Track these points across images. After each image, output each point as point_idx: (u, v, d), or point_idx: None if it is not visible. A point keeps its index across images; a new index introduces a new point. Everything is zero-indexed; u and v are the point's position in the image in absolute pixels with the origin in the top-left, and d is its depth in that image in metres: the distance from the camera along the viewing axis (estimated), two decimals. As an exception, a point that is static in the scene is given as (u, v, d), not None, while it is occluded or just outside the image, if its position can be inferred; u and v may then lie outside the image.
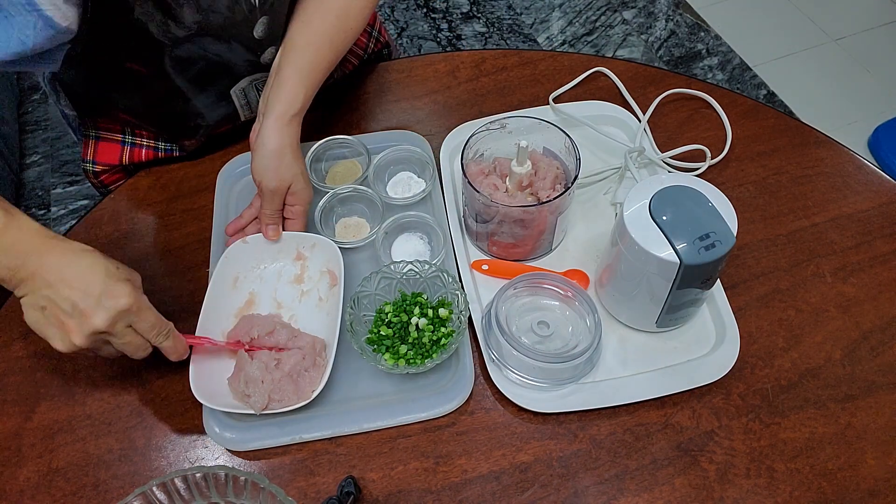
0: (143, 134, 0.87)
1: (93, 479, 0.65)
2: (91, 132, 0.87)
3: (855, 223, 0.81)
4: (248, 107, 0.86)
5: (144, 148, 0.87)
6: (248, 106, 0.85)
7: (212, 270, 0.75)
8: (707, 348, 0.71)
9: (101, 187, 0.92)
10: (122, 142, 0.87)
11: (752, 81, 2.09)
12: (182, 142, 0.87)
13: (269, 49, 0.78)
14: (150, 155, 0.88)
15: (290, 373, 0.65)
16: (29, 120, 2.10)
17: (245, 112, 0.86)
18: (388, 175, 0.85)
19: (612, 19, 2.27)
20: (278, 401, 0.65)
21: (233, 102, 0.83)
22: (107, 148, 0.87)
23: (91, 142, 0.88)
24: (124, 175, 0.91)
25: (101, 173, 0.89)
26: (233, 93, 0.82)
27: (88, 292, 0.58)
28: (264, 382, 0.64)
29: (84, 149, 0.88)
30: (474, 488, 0.63)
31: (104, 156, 0.88)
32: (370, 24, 1.00)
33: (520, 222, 0.71)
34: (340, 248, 0.75)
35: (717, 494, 0.63)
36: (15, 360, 0.73)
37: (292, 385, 0.65)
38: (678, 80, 0.94)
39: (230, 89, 0.81)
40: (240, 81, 0.81)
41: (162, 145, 0.88)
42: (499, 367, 0.68)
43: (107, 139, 0.87)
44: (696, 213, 0.62)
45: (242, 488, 0.56)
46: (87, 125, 0.87)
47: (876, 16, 2.25)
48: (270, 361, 0.66)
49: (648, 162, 0.84)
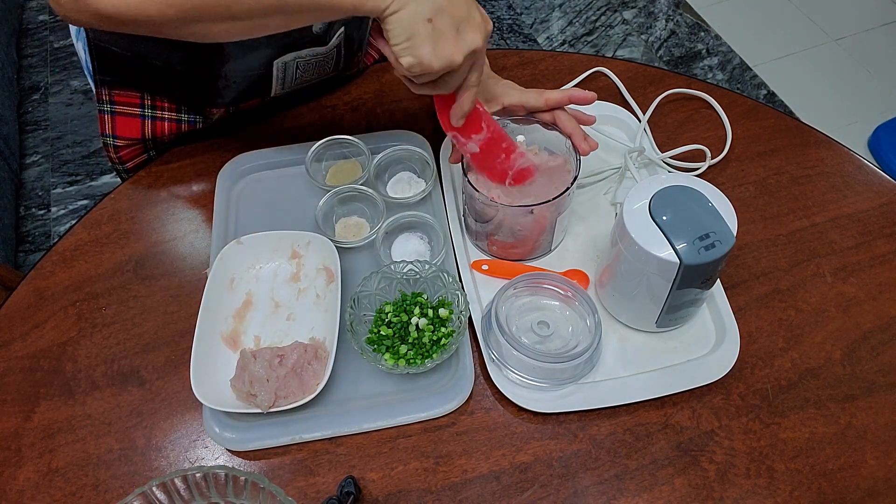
0: (164, 105, 0.85)
1: (92, 479, 0.65)
2: (106, 107, 0.85)
3: (855, 223, 0.81)
4: (282, 81, 0.84)
5: (167, 121, 0.86)
6: (282, 81, 0.84)
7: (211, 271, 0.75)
8: (707, 348, 0.71)
9: (120, 163, 0.90)
10: (140, 115, 0.85)
11: (752, 81, 2.09)
12: (209, 111, 0.85)
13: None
14: (172, 128, 0.86)
15: (293, 368, 0.66)
16: (29, 120, 2.10)
17: (278, 87, 0.85)
18: (388, 175, 0.85)
19: (612, 19, 2.27)
20: (284, 397, 0.65)
21: (272, 73, 0.82)
22: (125, 122, 0.86)
23: (107, 116, 0.85)
24: (144, 151, 0.89)
25: (122, 147, 0.87)
26: (276, 64, 0.81)
27: (473, 14, 0.58)
28: (269, 381, 0.65)
29: (101, 124, 0.86)
30: (474, 488, 0.63)
31: (124, 130, 0.86)
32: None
33: (519, 222, 0.71)
34: (340, 247, 0.75)
35: (717, 494, 0.63)
36: (15, 359, 0.73)
37: (297, 380, 0.65)
38: (678, 80, 0.94)
39: (275, 59, 0.80)
40: (285, 54, 0.80)
41: (185, 117, 0.86)
42: (499, 367, 0.68)
43: (124, 113, 0.85)
44: (696, 213, 0.62)
45: (242, 488, 0.56)
46: (103, 98, 0.84)
47: (876, 16, 2.25)
48: (273, 359, 0.66)
49: (648, 162, 0.84)
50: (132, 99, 0.85)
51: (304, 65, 0.83)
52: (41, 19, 2.38)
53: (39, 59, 2.26)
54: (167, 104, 0.86)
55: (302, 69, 0.84)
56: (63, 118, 2.10)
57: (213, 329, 0.70)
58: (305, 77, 0.87)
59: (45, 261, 0.80)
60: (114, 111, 0.85)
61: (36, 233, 1.86)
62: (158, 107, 0.86)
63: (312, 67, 0.85)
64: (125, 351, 0.73)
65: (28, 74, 2.22)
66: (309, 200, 0.81)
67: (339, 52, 0.86)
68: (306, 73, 0.85)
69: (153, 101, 0.85)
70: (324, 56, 0.84)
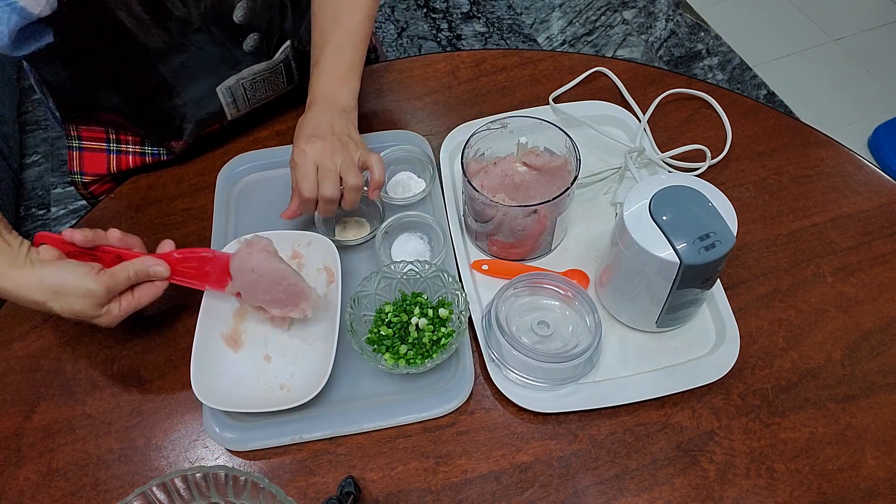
0: (128, 140, 0.87)
1: (92, 479, 0.65)
2: (74, 143, 0.87)
3: (855, 223, 0.80)
4: (234, 105, 0.85)
5: (131, 154, 0.87)
6: (234, 104, 0.85)
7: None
8: (707, 348, 0.71)
9: (92, 198, 0.91)
10: (106, 150, 0.87)
11: (752, 81, 2.09)
12: (169, 143, 0.86)
13: (252, 36, 0.78)
14: (137, 161, 0.87)
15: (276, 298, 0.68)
16: (29, 120, 2.09)
17: (231, 110, 0.86)
18: (388, 175, 0.85)
19: (612, 19, 2.27)
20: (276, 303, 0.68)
21: (219, 100, 0.83)
22: (92, 158, 0.87)
23: (75, 153, 0.87)
24: (114, 185, 0.90)
25: (90, 184, 0.89)
26: (219, 90, 0.82)
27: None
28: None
29: (69, 161, 0.88)
30: (474, 488, 0.63)
31: (91, 166, 0.88)
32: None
33: (520, 222, 0.71)
34: (340, 247, 0.75)
35: (717, 494, 0.63)
36: (15, 359, 0.73)
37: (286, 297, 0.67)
38: (678, 80, 0.94)
39: (216, 87, 0.81)
40: (227, 79, 0.81)
41: (149, 150, 0.87)
42: (499, 367, 0.68)
43: (91, 149, 0.87)
44: (696, 213, 0.62)
45: (242, 488, 0.56)
46: (71, 134, 0.87)
47: (876, 16, 2.25)
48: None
49: (648, 162, 0.84)
50: (98, 134, 0.87)
51: (251, 85, 0.84)
52: (41, 19, 2.38)
53: (39, 59, 2.26)
54: (131, 138, 0.87)
55: (251, 89, 0.84)
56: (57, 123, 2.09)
57: (214, 329, 0.70)
58: (259, 96, 0.87)
59: (45, 261, 0.80)
60: (81, 147, 0.87)
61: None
62: (122, 140, 0.87)
63: (262, 85, 0.85)
64: (125, 351, 0.73)
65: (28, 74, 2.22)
66: (309, 200, 0.81)
67: (290, 66, 0.86)
68: (257, 92, 0.86)
69: (118, 135, 0.87)
70: (269, 73, 0.84)
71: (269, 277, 0.66)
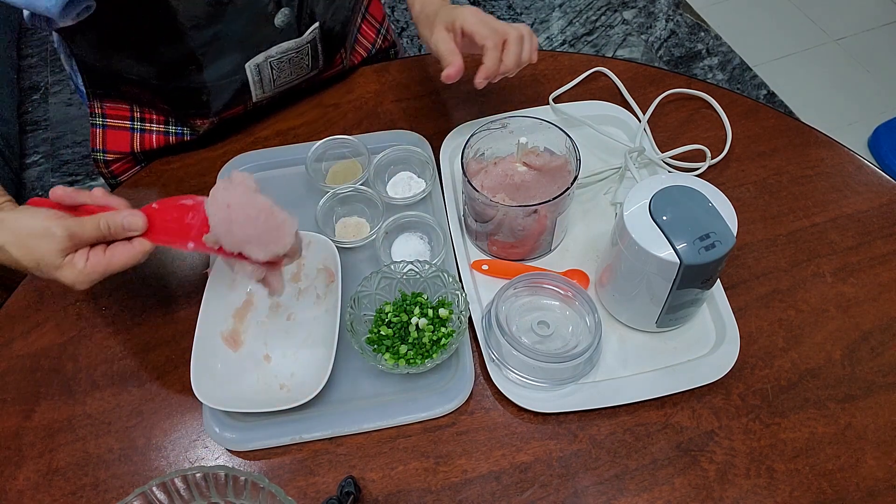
0: (152, 118, 0.87)
1: (92, 479, 0.65)
2: (98, 120, 0.86)
3: (855, 223, 0.81)
4: (260, 85, 0.84)
5: (155, 133, 0.87)
6: (260, 84, 0.84)
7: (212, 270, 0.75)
8: (707, 348, 0.71)
9: (111, 178, 0.91)
10: (130, 128, 0.87)
11: (752, 81, 2.09)
12: (194, 122, 0.86)
13: (283, 11, 0.78)
14: (160, 140, 0.87)
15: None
16: (29, 120, 2.10)
17: (257, 90, 0.85)
18: (388, 175, 0.85)
19: (612, 19, 2.27)
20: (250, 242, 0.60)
21: (247, 77, 0.82)
22: (116, 136, 0.87)
23: (98, 130, 0.87)
24: (134, 164, 0.90)
25: (112, 162, 0.89)
26: (248, 67, 0.81)
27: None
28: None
29: (92, 139, 0.87)
30: (474, 488, 0.63)
31: (114, 144, 0.87)
32: (378, 21, 1.01)
33: (520, 223, 0.71)
34: (340, 247, 0.75)
35: (717, 494, 0.63)
36: (15, 359, 0.73)
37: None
38: (678, 80, 0.94)
39: (246, 63, 0.80)
40: (256, 56, 0.80)
41: (173, 129, 0.87)
42: (499, 366, 0.68)
43: (115, 127, 0.87)
44: (696, 213, 0.62)
45: (242, 488, 0.56)
46: (95, 111, 0.86)
47: (876, 16, 2.25)
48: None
49: (648, 162, 0.84)
50: (122, 111, 0.86)
51: (279, 64, 0.83)
52: (41, 19, 2.38)
53: (39, 59, 2.26)
54: (155, 116, 0.87)
55: (277, 69, 0.84)
56: (63, 118, 2.09)
57: (214, 329, 0.70)
58: (284, 78, 0.87)
59: (45, 261, 0.80)
60: (105, 124, 0.87)
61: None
62: (147, 119, 0.87)
63: (288, 66, 0.85)
64: (125, 351, 0.73)
65: (28, 74, 2.22)
66: (309, 200, 0.81)
67: (316, 48, 0.86)
68: (283, 73, 0.86)
69: (142, 113, 0.87)
70: (297, 52, 0.84)
71: (246, 211, 0.59)
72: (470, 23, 0.73)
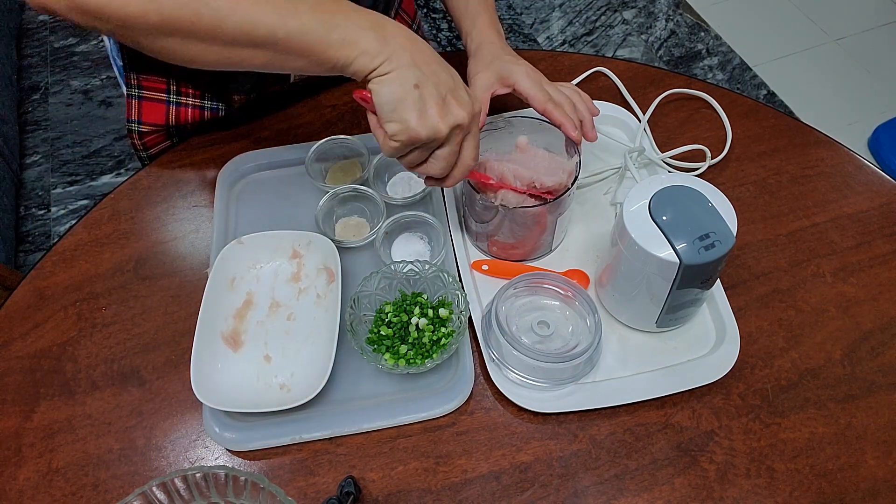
0: (188, 92, 0.86)
1: (93, 479, 0.65)
2: (134, 90, 0.86)
3: (855, 223, 0.81)
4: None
5: (190, 107, 0.87)
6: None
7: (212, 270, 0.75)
8: (707, 348, 0.71)
9: (143, 150, 0.91)
10: (166, 101, 0.86)
11: (752, 81, 2.09)
12: (231, 97, 0.86)
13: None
14: (195, 115, 0.87)
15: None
16: (29, 120, 2.10)
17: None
18: (388, 175, 0.85)
19: (612, 19, 2.27)
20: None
21: None
22: (151, 108, 0.87)
23: (134, 101, 0.86)
24: (166, 139, 0.90)
25: (146, 134, 0.88)
26: None
27: (459, 91, 0.58)
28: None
29: (128, 110, 0.87)
30: (474, 488, 0.64)
31: (150, 116, 0.87)
32: (410, 16, 1.01)
33: (519, 223, 0.71)
34: (340, 247, 0.75)
35: (717, 494, 0.63)
36: (15, 359, 0.73)
37: None
38: (678, 80, 0.94)
39: None
40: None
41: (208, 104, 0.87)
42: (499, 366, 0.68)
43: (150, 98, 0.86)
44: (696, 213, 0.62)
45: (242, 488, 0.56)
46: (131, 83, 0.85)
47: (876, 16, 2.25)
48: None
49: (648, 162, 0.84)
50: (159, 84, 0.86)
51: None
52: (41, 19, 2.38)
53: (39, 59, 2.26)
54: (192, 90, 0.87)
55: None
56: (63, 118, 2.10)
57: (214, 329, 0.70)
58: None
59: (45, 261, 0.80)
60: (141, 96, 0.86)
61: (36, 233, 1.86)
62: (183, 93, 0.86)
63: None
64: (125, 351, 0.73)
65: (28, 74, 2.22)
66: (309, 200, 0.81)
67: None
68: None
69: (178, 86, 0.86)
70: None
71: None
72: (524, 86, 0.75)
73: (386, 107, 0.57)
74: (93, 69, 2.22)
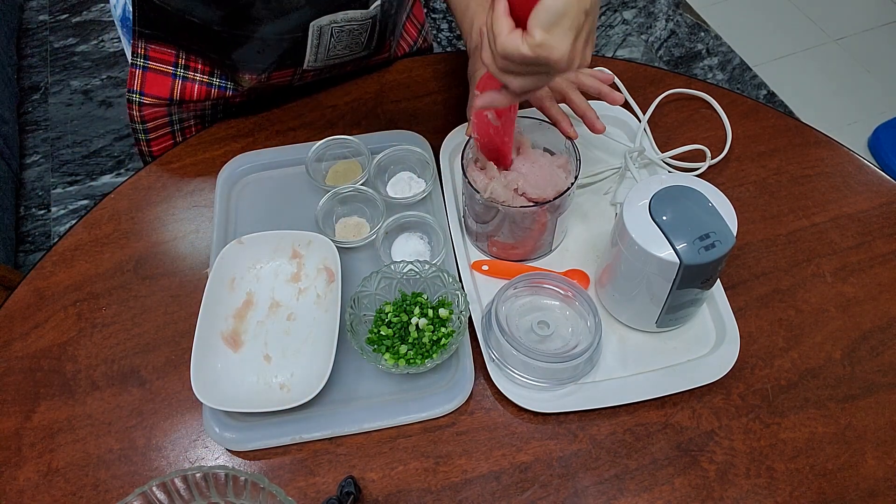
0: (197, 67, 0.85)
1: (93, 479, 0.65)
2: (139, 61, 0.84)
3: (855, 223, 0.81)
4: (316, 50, 0.83)
5: (198, 83, 0.86)
6: (316, 49, 0.83)
7: (212, 270, 0.75)
8: (707, 348, 0.71)
9: (141, 123, 0.89)
10: (172, 74, 0.85)
11: (752, 81, 2.09)
12: (241, 76, 0.85)
13: None
14: (202, 92, 0.86)
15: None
16: (29, 120, 2.10)
17: (311, 56, 0.84)
18: (388, 175, 0.85)
19: (612, 19, 2.27)
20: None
21: (307, 37, 0.81)
22: (156, 79, 0.85)
23: (138, 71, 0.85)
24: (167, 114, 0.89)
25: (147, 106, 0.87)
26: (313, 25, 0.80)
27: (593, 36, 0.56)
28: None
29: (130, 79, 0.85)
30: (474, 488, 0.64)
31: (153, 87, 0.85)
32: (419, 22, 1.02)
33: (519, 223, 0.71)
34: (340, 247, 0.75)
35: (717, 494, 0.63)
36: (15, 360, 0.73)
37: None
38: (678, 80, 0.94)
39: (312, 21, 0.79)
40: (323, 17, 0.79)
41: (217, 81, 0.86)
42: (499, 366, 0.68)
43: (156, 70, 0.85)
44: (696, 213, 0.62)
45: (242, 488, 0.56)
46: (138, 52, 0.84)
47: (876, 16, 2.25)
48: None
49: (648, 162, 0.84)
50: (167, 56, 0.84)
51: (339, 33, 0.82)
52: (41, 19, 2.38)
53: (39, 59, 2.26)
54: (200, 66, 0.85)
55: (336, 38, 0.83)
56: (63, 118, 2.10)
57: (214, 329, 0.70)
58: (339, 50, 0.86)
59: (45, 261, 0.80)
60: (147, 66, 0.84)
61: (36, 233, 1.86)
62: (192, 67, 0.85)
63: (346, 38, 0.84)
64: (125, 351, 0.73)
65: (28, 74, 2.22)
66: (309, 200, 0.81)
67: (374, 27, 0.86)
68: (340, 43, 0.85)
69: (187, 60, 0.85)
70: (359, 25, 0.83)
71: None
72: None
73: (552, 8, 0.51)
74: (93, 69, 2.22)
